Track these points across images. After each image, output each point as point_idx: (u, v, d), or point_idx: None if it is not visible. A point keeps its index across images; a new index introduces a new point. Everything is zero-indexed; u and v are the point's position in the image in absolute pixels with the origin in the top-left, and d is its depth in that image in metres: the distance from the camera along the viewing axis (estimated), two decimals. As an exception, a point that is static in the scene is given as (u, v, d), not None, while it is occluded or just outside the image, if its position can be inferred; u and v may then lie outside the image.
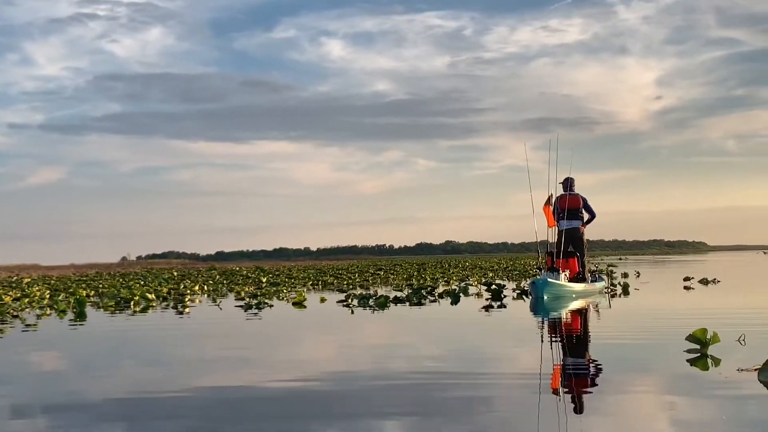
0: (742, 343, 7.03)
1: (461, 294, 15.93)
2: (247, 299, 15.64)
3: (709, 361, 6.16)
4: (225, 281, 26.03)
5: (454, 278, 24.91)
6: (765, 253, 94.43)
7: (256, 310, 12.94)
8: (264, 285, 22.39)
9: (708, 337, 6.55)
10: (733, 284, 19.53)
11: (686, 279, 20.36)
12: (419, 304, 13.68)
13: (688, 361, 6.20)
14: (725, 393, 4.90)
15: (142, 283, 24.79)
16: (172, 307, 14.28)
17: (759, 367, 5.26)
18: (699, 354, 6.45)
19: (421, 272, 30.95)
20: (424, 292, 15.86)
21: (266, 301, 14.83)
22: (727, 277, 23.07)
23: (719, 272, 27.16)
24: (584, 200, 16.33)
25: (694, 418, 4.30)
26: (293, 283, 23.39)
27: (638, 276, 25.54)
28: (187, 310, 13.66)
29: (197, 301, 16.22)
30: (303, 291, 17.95)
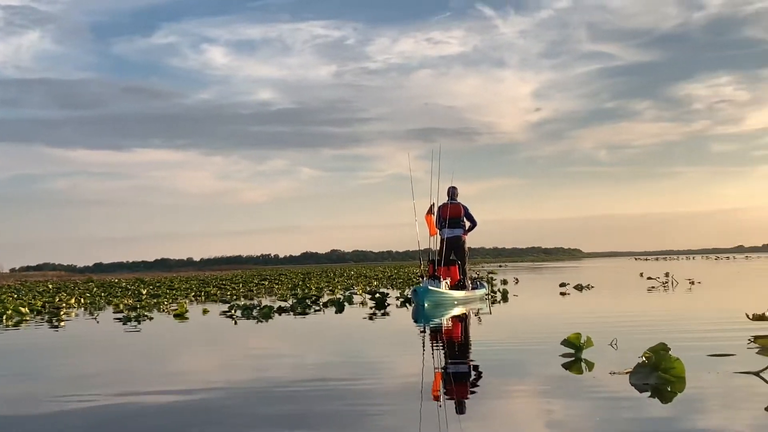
0: (615, 347, 7.30)
1: (346, 303, 15.96)
2: (126, 312, 15.22)
3: (583, 364, 6.37)
4: (103, 293, 25.25)
5: (339, 287, 24.94)
6: (636, 259, 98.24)
7: (135, 323, 12.61)
8: (144, 297, 21.83)
9: (582, 341, 6.78)
10: (606, 290, 20.27)
11: (562, 285, 21.03)
12: (304, 313, 13.63)
13: (563, 365, 6.40)
14: (598, 395, 5.08)
15: (16, 296, 23.81)
16: (47, 321, 13.77)
17: (630, 370, 5.48)
18: (573, 358, 6.67)
19: (306, 281, 30.86)
20: (308, 301, 15.84)
21: (146, 313, 14.48)
22: (600, 283, 23.92)
23: (593, 278, 28.13)
24: (466, 209, 16.66)
25: (568, 420, 4.44)
26: (175, 295, 22.90)
27: (517, 282, 26.20)
28: (62, 323, 13.20)
29: (73, 314, 15.69)
30: (185, 303, 17.62)
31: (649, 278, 25.44)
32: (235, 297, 20.61)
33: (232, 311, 14.25)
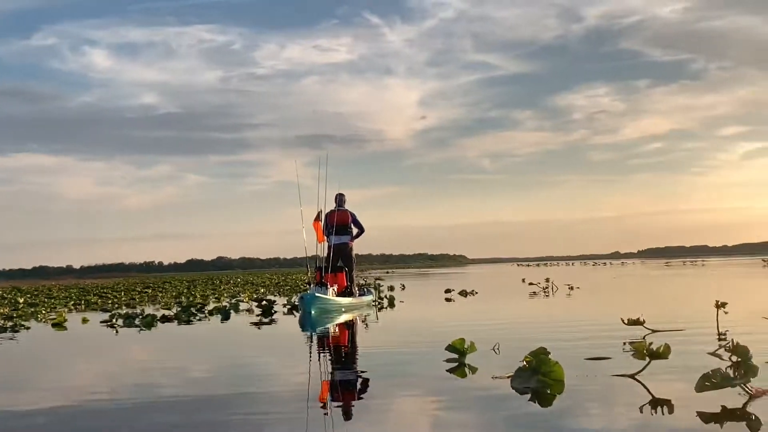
0: (497, 351, 7.47)
1: (232, 311, 15.77)
2: (2, 321, 14.62)
3: (467, 369, 6.49)
4: (-25, 303, 24.16)
5: (225, 295, 24.63)
6: (518, 265, 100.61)
7: (11, 333, 12.12)
8: (21, 306, 21.02)
9: (465, 346, 6.91)
10: (489, 295, 20.69)
11: (447, 291, 21.36)
12: (188, 322, 13.40)
13: (447, 370, 6.50)
14: (480, 399, 5.19)
15: None
16: None
17: (511, 374, 5.62)
18: (457, 363, 6.79)
19: (191, 289, 30.32)
20: (193, 309, 15.56)
21: (23, 323, 13.95)
22: (484, 289, 24.40)
23: (477, 284, 28.65)
24: (353, 216, 16.72)
25: (452, 423, 4.52)
26: (53, 304, 22.14)
27: (403, 289, 26.45)
28: (-70, 335, 12.57)
29: (-58, 325, 14.95)
30: (64, 312, 17.06)
31: (530, 284, 26.09)
32: (116, 306, 20.05)
33: (113, 320, 13.86)
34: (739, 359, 5.75)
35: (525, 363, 5.47)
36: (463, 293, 20.40)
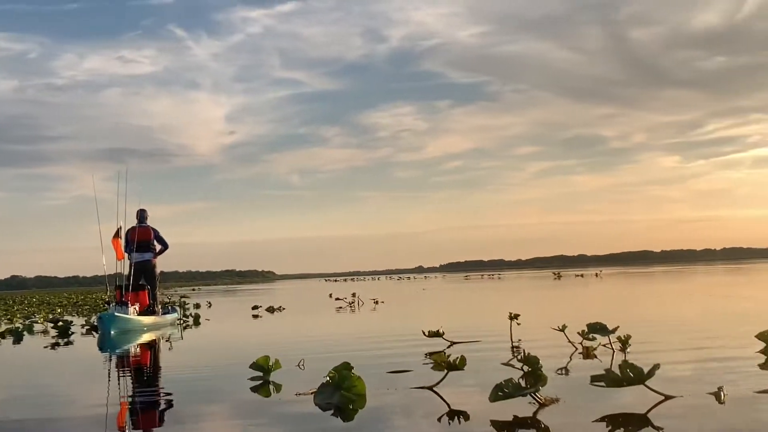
0: (302, 367, 7.51)
1: (25, 332, 14.92)
2: None
3: (271, 387, 6.47)
4: None
5: (18, 315, 23.25)
6: (326, 280, 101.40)
7: None
8: None
9: (270, 363, 6.89)
10: (297, 311, 20.73)
11: (255, 308, 21.20)
12: (-25, 345, 12.54)
13: (251, 388, 6.46)
14: (284, 417, 5.19)
15: None
16: None
17: (314, 390, 5.66)
18: (262, 381, 6.76)
19: (-21, 311, 28.39)
20: (-20, 332, 14.59)
21: None
22: (292, 305, 24.43)
23: (285, 300, 28.64)
24: (156, 232, 16.28)
25: (255, 444, 4.50)
26: None
27: (210, 306, 26.01)
28: None
29: None
30: None
31: (337, 299, 26.38)
32: None
33: None
34: (530, 369, 6.08)
35: (328, 378, 5.53)
36: (271, 310, 20.32)
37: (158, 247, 16.38)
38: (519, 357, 6.62)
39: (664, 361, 6.46)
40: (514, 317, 9.97)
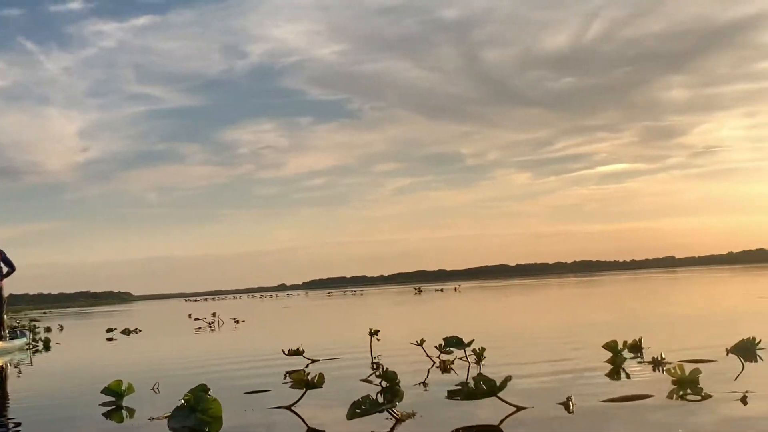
0: (157, 391, 7.30)
1: None
2: None
3: (124, 412, 6.27)
4: None
5: None
6: (186, 300, 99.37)
7: None
8: None
9: (123, 388, 6.67)
10: (154, 333, 20.20)
11: (109, 330, 20.53)
12: None
13: (104, 414, 6.23)
14: (137, 442, 5.03)
15: None
16: None
17: (168, 414, 5.51)
18: (115, 406, 6.53)
19: None
20: None
21: None
22: (149, 326, 23.78)
23: (142, 322, 27.86)
24: (2, 253, 15.51)
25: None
26: None
27: (62, 330, 25.00)
28: None
29: None
30: None
31: (196, 319, 25.86)
32: None
33: None
34: (388, 384, 6.14)
35: (183, 401, 5.40)
36: (126, 332, 19.73)
37: (5, 269, 15.61)
38: (378, 373, 6.67)
39: (517, 372, 6.66)
40: (374, 333, 10.04)
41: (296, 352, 9.14)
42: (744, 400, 5.08)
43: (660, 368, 6.89)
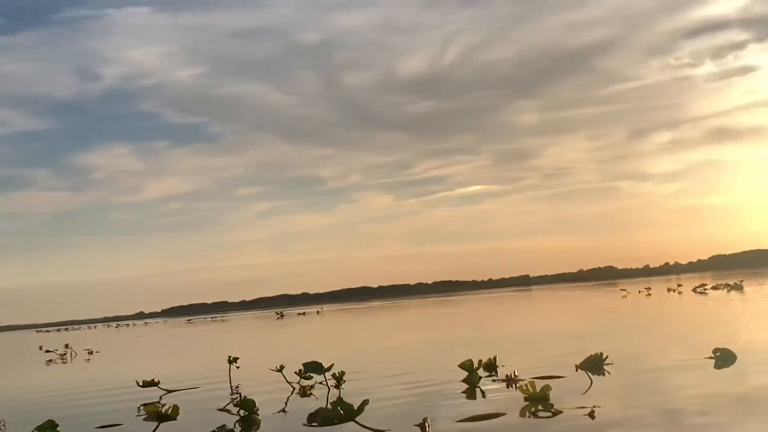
0: (2, 428, 6.94)
1: None
2: None
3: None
4: None
5: None
6: (38, 331, 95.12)
7: None
8: None
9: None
10: (0, 367, 19.18)
11: (-49, 366, 19.36)
12: None
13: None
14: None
15: None
16: None
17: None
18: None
19: None
20: None
21: None
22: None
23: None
24: None
25: None
26: None
27: None
28: None
29: None
30: None
31: (48, 351, 24.74)
32: None
33: None
34: (246, 413, 6.07)
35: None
36: (-30, 367, 18.64)
37: None
38: (236, 401, 6.58)
39: (376, 395, 6.71)
40: (233, 360, 9.89)
41: (151, 383, 8.87)
42: (591, 415, 5.28)
43: (513, 386, 7.09)
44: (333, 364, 8.22)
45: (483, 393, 6.93)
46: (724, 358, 7.75)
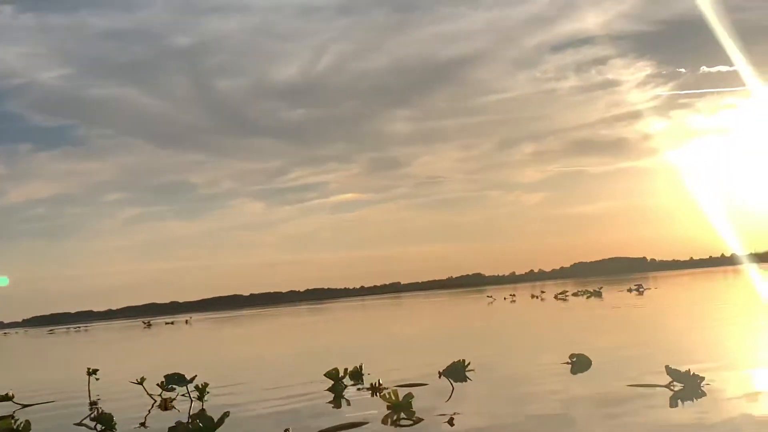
0: None
1: None
2: None
3: None
4: None
5: None
6: None
7: None
8: None
9: None
10: None
11: None
12: None
13: None
14: None
15: None
16: None
17: None
18: None
19: None
20: None
21: None
22: None
23: None
24: None
25: None
26: None
27: None
28: None
29: None
30: None
31: None
32: None
33: None
34: (104, 427, 5.89)
35: None
36: None
37: None
38: (93, 415, 6.38)
39: (240, 406, 6.66)
40: (92, 372, 9.56)
41: (5, 398, 8.50)
42: (451, 422, 5.39)
43: (378, 394, 7.16)
44: (196, 376, 8.07)
45: (348, 402, 6.96)
46: (580, 363, 8.07)
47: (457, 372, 7.93)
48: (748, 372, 6.70)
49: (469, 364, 8.15)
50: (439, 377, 7.76)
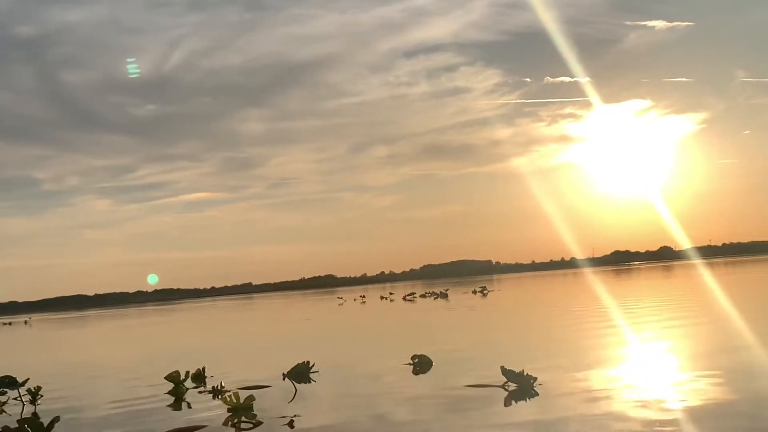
0: None
1: None
2: None
3: None
4: None
5: None
6: None
7: None
8: None
9: None
10: None
11: None
12: None
13: None
14: None
15: None
16: None
17: None
18: None
19: None
20: None
21: None
22: None
23: None
24: None
25: None
26: None
27: None
28: None
29: None
30: None
31: None
32: None
33: None
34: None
35: None
36: None
37: None
38: None
39: (76, 410, 6.47)
40: None
41: None
42: (291, 424, 5.43)
43: (219, 396, 7.10)
44: (28, 379, 7.75)
45: (189, 405, 6.87)
46: (421, 364, 8.27)
47: (301, 374, 7.96)
48: (580, 372, 7.05)
49: (313, 365, 8.20)
50: (284, 379, 7.76)
